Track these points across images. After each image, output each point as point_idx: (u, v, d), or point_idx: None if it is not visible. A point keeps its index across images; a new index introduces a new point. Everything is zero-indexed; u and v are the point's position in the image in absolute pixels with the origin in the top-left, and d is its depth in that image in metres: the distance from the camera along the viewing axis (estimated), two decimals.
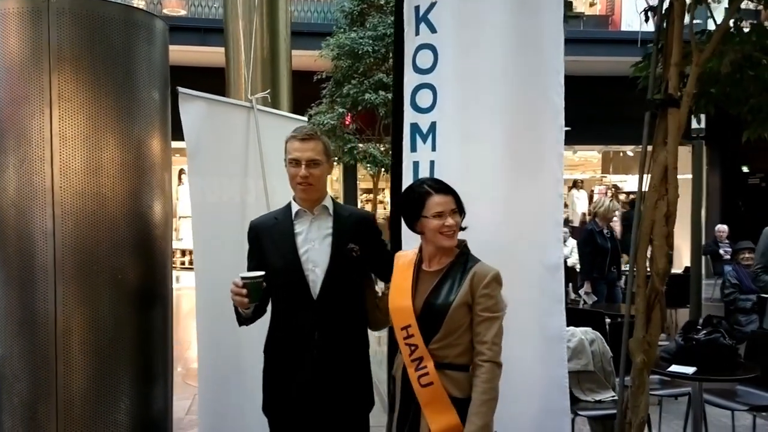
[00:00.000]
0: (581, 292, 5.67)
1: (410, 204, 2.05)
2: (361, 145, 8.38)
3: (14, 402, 2.29)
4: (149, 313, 2.52)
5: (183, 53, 9.51)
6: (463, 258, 2.02)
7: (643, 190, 2.43)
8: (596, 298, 5.53)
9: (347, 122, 8.62)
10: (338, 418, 2.13)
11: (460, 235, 2.05)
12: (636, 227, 2.42)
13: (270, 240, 2.20)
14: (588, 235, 5.74)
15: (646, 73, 2.83)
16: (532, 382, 2.42)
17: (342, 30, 8.48)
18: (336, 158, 8.83)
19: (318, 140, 2.17)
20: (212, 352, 2.78)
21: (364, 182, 12.17)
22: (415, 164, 2.64)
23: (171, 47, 2.80)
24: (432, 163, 2.59)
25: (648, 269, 2.36)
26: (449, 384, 1.93)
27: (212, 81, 4.40)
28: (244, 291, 2.02)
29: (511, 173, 2.46)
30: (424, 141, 2.62)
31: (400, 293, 2.03)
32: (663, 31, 2.42)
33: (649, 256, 2.36)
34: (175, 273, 10.93)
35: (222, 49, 4.46)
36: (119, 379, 2.38)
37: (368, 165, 8.46)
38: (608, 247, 5.61)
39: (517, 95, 2.46)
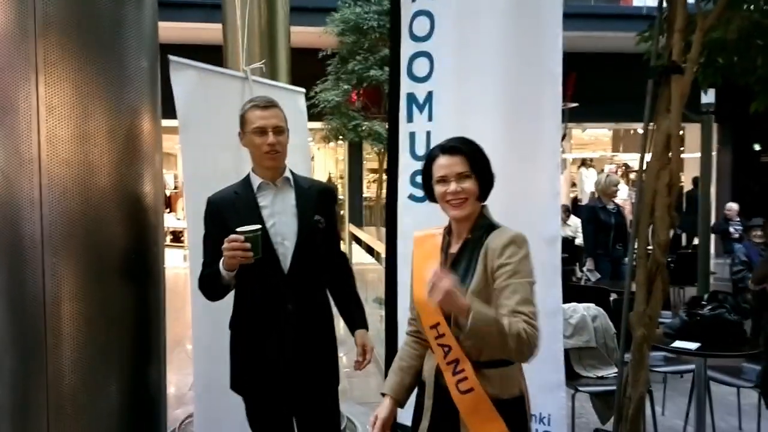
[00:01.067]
0: (584, 269, 5.63)
1: (424, 171, 1.82)
2: (366, 122, 8.31)
3: (4, 373, 2.27)
4: (140, 285, 2.49)
5: (191, 30, 9.47)
6: (480, 231, 1.72)
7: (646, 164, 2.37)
8: (599, 276, 5.49)
9: (353, 100, 8.55)
10: (313, 391, 2.12)
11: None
12: (639, 198, 2.37)
13: (234, 214, 2.14)
14: (590, 211, 5.71)
15: (651, 44, 2.77)
16: None
17: (347, 5, 8.36)
18: (341, 136, 8.80)
19: (279, 108, 2.15)
20: (207, 329, 2.75)
21: (369, 162, 12.12)
22: (411, 135, 2.61)
23: (176, 24, 2.75)
24: (428, 133, 2.56)
25: (650, 240, 2.31)
26: (488, 385, 1.67)
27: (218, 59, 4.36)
28: (248, 245, 1.96)
29: (508, 144, 2.42)
30: (421, 111, 2.59)
31: (424, 284, 1.63)
32: None
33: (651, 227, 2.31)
34: (182, 252, 11.04)
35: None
36: (110, 351, 2.36)
37: (372, 142, 8.39)
38: (611, 224, 5.56)
39: (515, 63, 2.41)
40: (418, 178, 2.47)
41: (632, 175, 13.59)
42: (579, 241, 7.60)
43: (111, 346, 2.36)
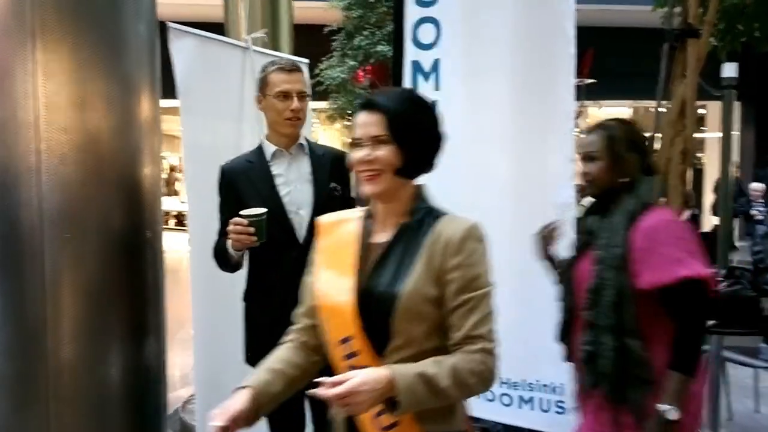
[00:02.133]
0: None
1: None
2: None
3: (3, 344, 2.30)
4: (139, 257, 2.51)
5: (192, 7, 9.43)
6: (418, 214, 1.38)
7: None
8: None
9: (360, 77, 8.51)
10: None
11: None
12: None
13: (248, 184, 2.16)
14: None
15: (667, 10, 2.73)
16: (537, 323, 2.37)
17: None
18: (347, 115, 8.77)
19: (302, 72, 2.15)
20: (207, 307, 2.78)
21: None
22: None
23: (185, 1, 2.75)
24: (435, 102, 2.53)
25: None
26: (421, 419, 1.29)
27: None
28: (252, 230, 1.98)
29: (519, 111, 2.41)
30: (426, 79, 2.57)
31: (334, 284, 1.37)
32: None
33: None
34: (187, 236, 10.96)
35: None
36: (109, 324, 2.38)
37: None
38: None
39: (525, 25, 2.39)
40: None
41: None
42: None
43: (110, 319, 2.38)
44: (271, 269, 2.14)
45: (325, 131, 13.88)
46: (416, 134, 1.35)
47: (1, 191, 2.26)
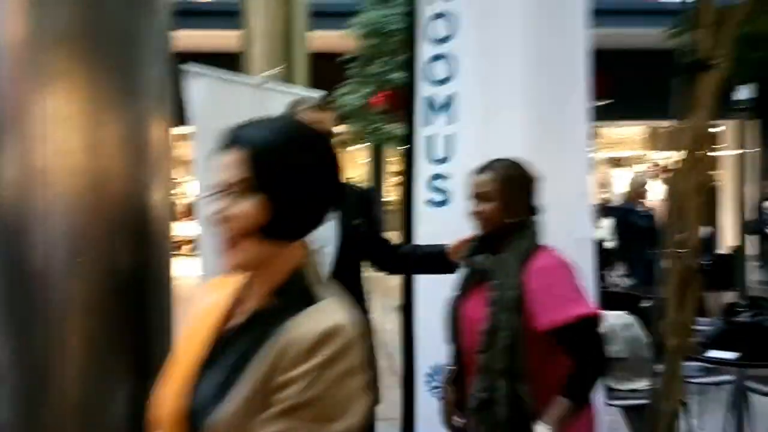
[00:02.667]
0: (616, 274, 5.52)
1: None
2: (387, 126, 8.30)
3: (6, 390, 2.29)
4: (147, 298, 2.49)
5: (212, 38, 9.57)
6: (283, 297, 0.97)
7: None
8: (632, 282, 5.36)
9: (375, 103, 8.56)
10: None
11: None
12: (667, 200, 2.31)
13: None
14: (622, 214, 5.58)
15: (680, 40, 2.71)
16: None
17: (369, 8, 8.38)
18: (362, 140, 8.81)
19: (331, 112, 2.14)
20: None
21: (392, 166, 12.11)
22: (429, 139, 2.60)
23: (196, 32, 2.78)
24: (448, 137, 2.55)
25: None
26: None
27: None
28: None
29: (535, 146, 2.36)
30: (440, 114, 2.57)
31: (170, 383, 1.04)
32: None
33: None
34: None
35: None
36: (114, 368, 2.35)
37: (394, 146, 8.39)
38: (643, 227, 5.44)
39: (540, 55, 2.39)
40: (437, 182, 2.47)
41: (665, 175, 13.30)
42: (610, 244, 7.47)
43: (116, 362, 2.33)
44: None
45: (341, 154, 13.89)
46: (293, 179, 0.95)
47: (9, 237, 2.25)
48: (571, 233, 2.34)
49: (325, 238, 2.10)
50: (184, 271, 3.03)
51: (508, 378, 1.70)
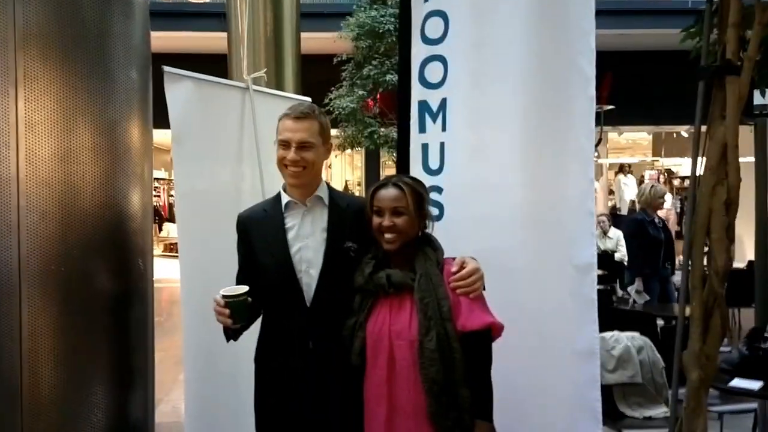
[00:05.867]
0: (631, 290, 5.39)
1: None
2: (382, 129, 8.22)
3: None
4: (125, 311, 2.43)
5: (195, 40, 9.57)
6: None
7: (697, 174, 2.21)
8: (648, 298, 5.25)
9: (370, 106, 8.49)
10: None
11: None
12: (690, 217, 2.19)
13: (259, 236, 2.08)
14: (636, 226, 5.46)
15: (699, 40, 2.61)
16: (557, 406, 2.24)
17: (362, 9, 8.31)
18: (357, 144, 8.73)
19: (314, 120, 2.02)
20: (200, 359, 2.72)
21: (388, 169, 12.07)
22: (425, 147, 2.49)
23: (179, 34, 2.70)
24: (442, 145, 2.45)
25: (705, 267, 2.13)
26: None
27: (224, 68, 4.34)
28: (227, 311, 1.90)
29: (534, 155, 2.28)
30: (434, 120, 2.47)
31: None
32: None
33: (706, 250, 2.13)
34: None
35: None
36: (92, 388, 2.29)
37: (390, 150, 8.30)
38: (661, 239, 5.33)
39: (540, 63, 2.27)
40: (433, 195, 2.36)
41: (675, 182, 13.27)
42: (620, 255, 7.38)
43: (93, 383, 2.31)
44: (279, 333, 2.04)
45: (337, 157, 13.92)
46: None
47: None
48: (571, 259, 2.23)
49: (311, 259, 2.01)
50: (172, 274, 2.96)
51: (465, 385, 1.82)
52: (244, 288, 1.93)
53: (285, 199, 2.07)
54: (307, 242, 2.03)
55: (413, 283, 1.87)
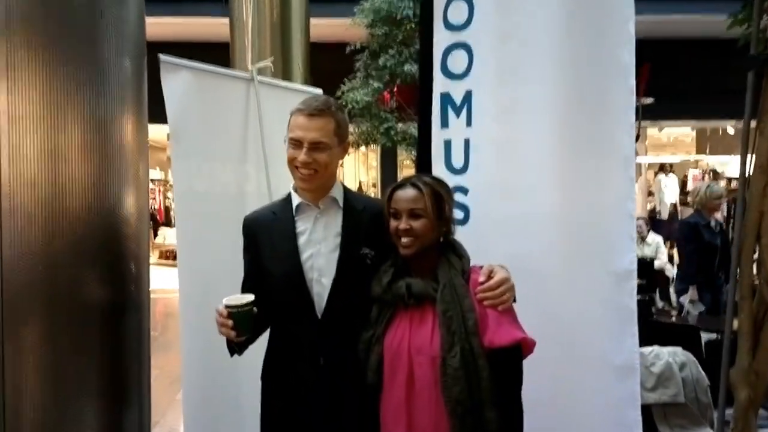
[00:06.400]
0: (684, 300, 5.33)
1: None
2: (400, 124, 8.21)
3: None
4: (118, 328, 2.43)
5: (195, 26, 9.64)
6: None
7: (746, 174, 2.21)
8: (703, 308, 5.19)
9: (386, 99, 8.49)
10: None
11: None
12: (740, 221, 2.17)
13: (267, 240, 2.08)
14: (690, 229, 5.38)
15: (747, 27, 2.61)
16: (592, 426, 2.25)
17: None
18: (372, 141, 8.73)
19: (330, 117, 2.00)
20: (199, 377, 2.74)
21: (406, 169, 12.08)
22: (447, 143, 2.49)
23: (177, 20, 2.72)
24: (467, 141, 2.45)
25: (755, 275, 2.12)
26: None
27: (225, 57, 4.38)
28: (230, 323, 1.90)
29: (568, 152, 2.28)
30: (458, 114, 2.47)
31: None
32: None
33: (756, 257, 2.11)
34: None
35: None
36: (80, 408, 2.28)
37: (408, 147, 8.28)
38: (716, 245, 5.26)
39: (575, 52, 2.27)
40: (457, 196, 2.35)
41: (721, 183, 13.15)
42: (659, 263, 7.32)
43: (82, 399, 2.30)
44: (288, 346, 2.04)
45: (349, 155, 13.94)
46: None
47: None
48: (608, 266, 2.24)
49: (323, 266, 2.00)
50: (172, 284, 2.99)
51: (495, 408, 1.77)
52: (250, 297, 1.93)
53: (296, 200, 2.07)
54: (319, 248, 2.02)
55: (436, 293, 1.84)
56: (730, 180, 12.57)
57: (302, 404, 1.99)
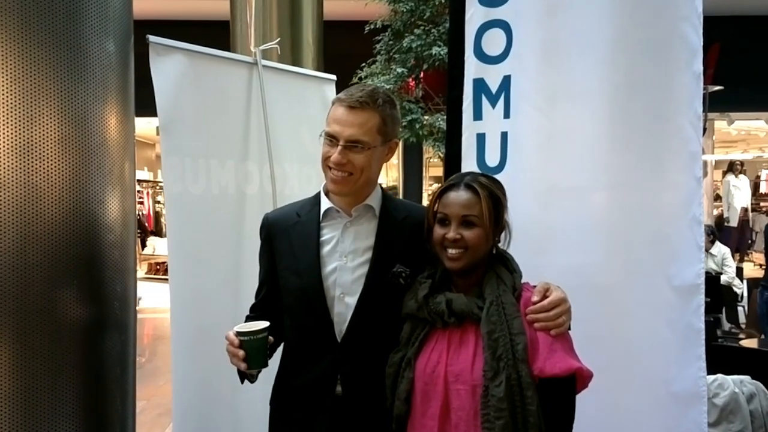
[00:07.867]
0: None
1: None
2: (427, 117, 8.20)
3: None
4: (99, 351, 2.45)
5: (203, 2, 9.68)
6: None
7: None
8: None
9: (411, 87, 8.49)
10: None
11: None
12: None
13: (286, 246, 2.06)
14: None
15: None
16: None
17: None
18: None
19: (374, 111, 1.96)
20: (193, 410, 2.77)
21: (432, 169, 12.07)
22: (480, 138, 2.50)
23: None
24: (504, 135, 2.46)
25: None
26: None
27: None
28: (241, 353, 1.90)
29: (624, 147, 2.29)
30: (493, 104, 2.48)
31: None
32: None
33: None
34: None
35: None
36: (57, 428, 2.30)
37: (435, 143, 8.27)
38: None
39: (631, 32, 2.28)
40: None
41: None
42: (726, 278, 7.25)
43: (56, 429, 2.31)
44: (301, 372, 2.04)
45: None
46: None
47: None
48: (671, 279, 2.25)
49: (348, 283, 1.99)
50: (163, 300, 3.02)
51: None
52: (263, 324, 1.92)
53: (325, 204, 2.05)
54: (345, 261, 2.01)
55: (480, 312, 1.82)
56: None
57: None
